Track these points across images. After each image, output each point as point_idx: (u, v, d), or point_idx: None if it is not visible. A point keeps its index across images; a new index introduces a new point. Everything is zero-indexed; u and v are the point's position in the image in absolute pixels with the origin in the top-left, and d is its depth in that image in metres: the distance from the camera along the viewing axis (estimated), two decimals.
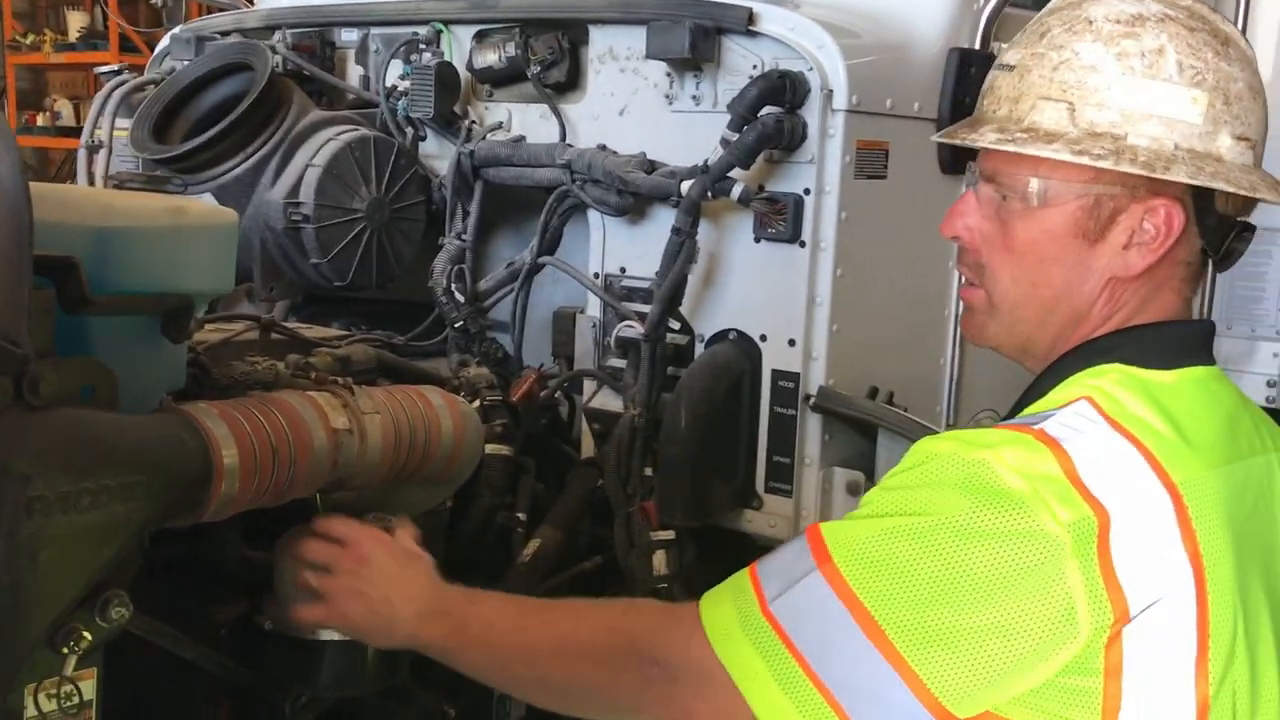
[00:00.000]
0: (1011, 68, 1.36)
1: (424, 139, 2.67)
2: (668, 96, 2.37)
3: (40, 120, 9.08)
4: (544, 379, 2.34)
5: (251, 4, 3.43)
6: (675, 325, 2.29)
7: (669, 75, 2.36)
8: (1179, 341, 1.35)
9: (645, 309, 2.29)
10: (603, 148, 2.39)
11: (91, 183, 2.83)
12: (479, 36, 2.59)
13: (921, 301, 2.45)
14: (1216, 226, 1.33)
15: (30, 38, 9.03)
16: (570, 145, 2.45)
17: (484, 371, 2.26)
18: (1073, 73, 1.31)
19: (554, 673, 1.42)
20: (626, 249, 2.41)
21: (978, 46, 2.45)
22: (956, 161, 2.47)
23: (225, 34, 2.91)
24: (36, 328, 1.23)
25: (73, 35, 8.96)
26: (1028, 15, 2.66)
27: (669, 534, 2.16)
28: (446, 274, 2.54)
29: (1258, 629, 1.27)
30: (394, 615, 1.52)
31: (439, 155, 2.65)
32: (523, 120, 2.59)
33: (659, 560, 2.15)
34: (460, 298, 2.53)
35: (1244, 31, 3.17)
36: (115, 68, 3.03)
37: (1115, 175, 1.28)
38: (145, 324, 1.45)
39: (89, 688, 1.35)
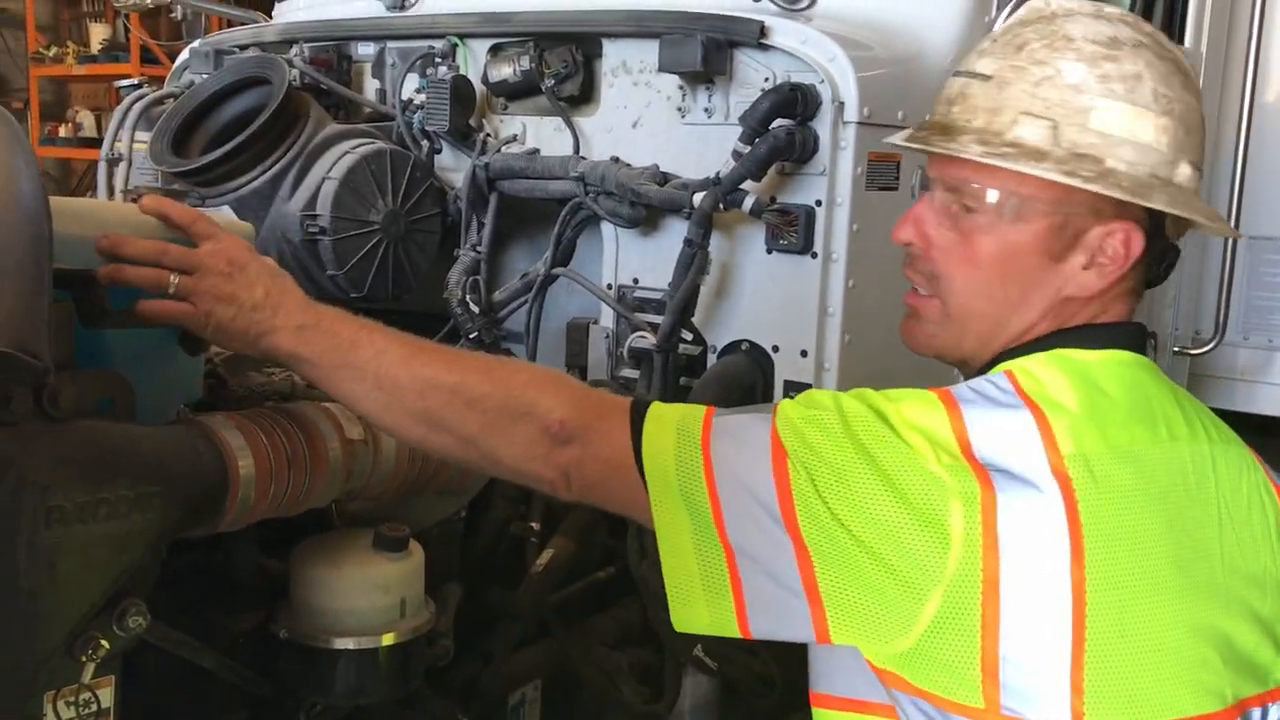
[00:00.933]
0: (988, 77, 1.33)
1: (439, 152, 2.70)
2: (680, 109, 2.38)
3: (63, 131, 9.16)
4: None
5: (269, 19, 3.47)
6: (688, 336, 2.30)
7: (681, 88, 2.37)
8: (1109, 332, 1.35)
9: (658, 320, 2.30)
10: (616, 160, 2.41)
11: (111, 195, 2.87)
12: (494, 50, 2.61)
13: None
14: (1164, 251, 1.36)
15: (53, 50, 9.12)
16: (584, 158, 2.47)
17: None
18: (1056, 90, 1.29)
19: (445, 411, 1.36)
20: (639, 260, 2.42)
21: None
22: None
23: (243, 48, 2.94)
24: (56, 341, 1.25)
25: (95, 47, 9.04)
26: None
27: None
28: (462, 285, 2.56)
29: (1150, 615, 1.25)
30: (268, 325, 1.39)
31: (454, 168, 2.67)
32: (537, 133, 2.61)
33: None
34: (475, 308, 2.55)
35: (1260, 24, 3.19)
36: (135, 81, 3.07)
37: (1085, 196, 1.28)
38: (162, 337, 1.47)
39: (107, 695, 1.37)
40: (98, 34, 9.12)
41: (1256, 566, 1.34)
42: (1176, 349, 3.37)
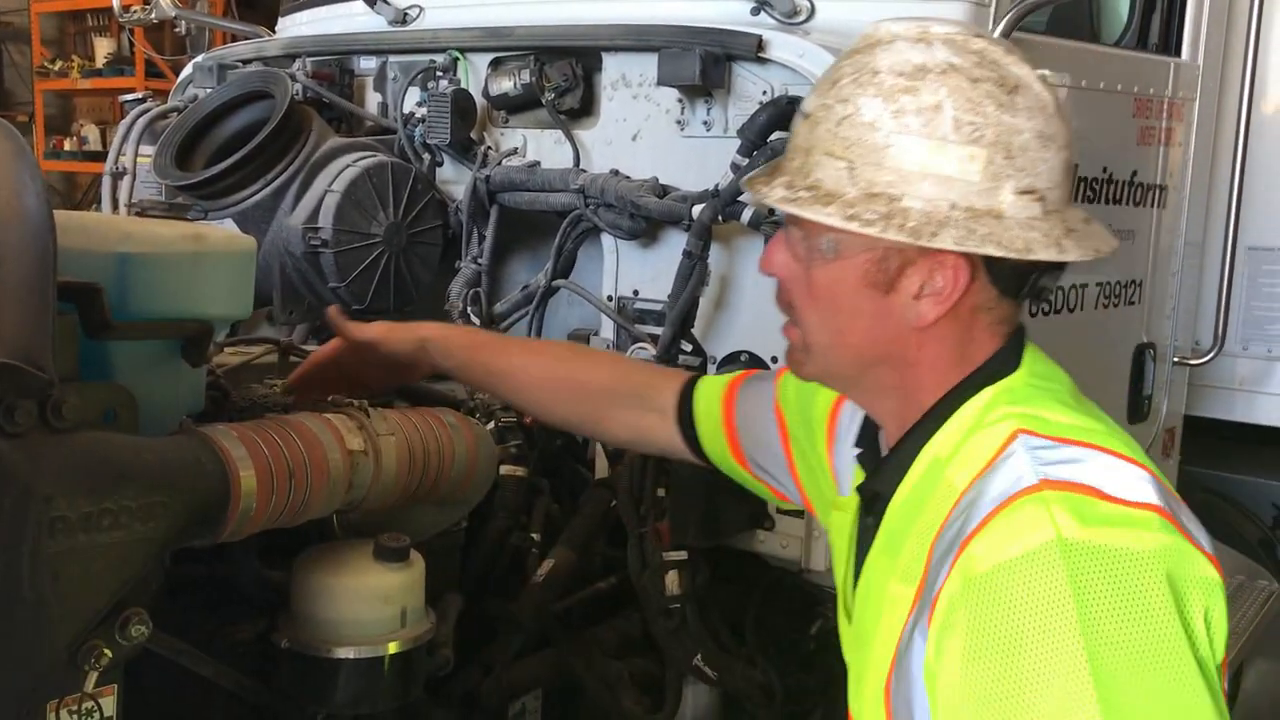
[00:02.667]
0: (808, 115, 1.33)
1: (441, 165, 2.72)
2: (679, 122, 2.40)
3: (68, 145, 9.20)
4: None
5: (272, 33, 3.49)
6: (687, 347, 2.32)
7: (680, 101, 2.39)
8: (1014, 350, 1.36)
9: (658, 331, 2.32)
10: (615, 173, 2.43)
11: (116, 208, 2.88)
12: (494, 64, 2.63)
13: None
14: (1011, 275, 1.30)
15: (59, 64, 9.16)
16: (584, 170, 2.48)
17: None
18: (854, 129, 1.27)
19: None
20: (639, 272, 2.44)
21: None
22: None
23: (246, 62, 2.96)
24: (60, 353, 1.27)
25: (100, 61, 9.08)
26: (1036, 39, 2.70)
27: (682, 555, 2.17)
28: (463, 297, 2.57)
29: None
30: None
31: (455, 180, 2.69)
32: (537, 146, 2.62)
33: (672, 580, 2.17)
34: (476, 320, 2.56)
35: (1257, 36, 3.20)
36: (139, 95, 3.09)
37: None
38: (166, 348, 1.49)
39: (109, 704, 1.38)
40: (102, 48, 9.16)
41: None
42: (1176, 359, 3.38)
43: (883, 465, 1.42)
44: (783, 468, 1.71)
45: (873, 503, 1.41)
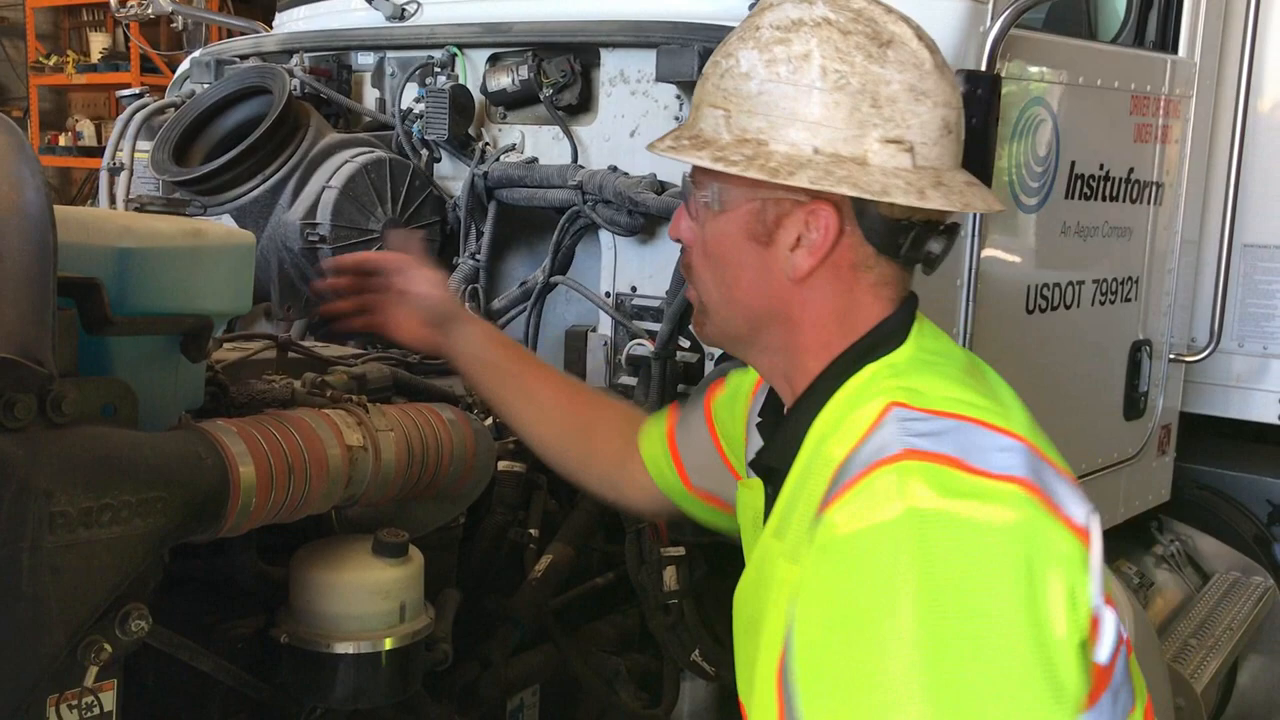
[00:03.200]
0: (702, 74, 1.39)
1: (439, 161, 2.71)
2: (677, 119, 2.40)
3: (63, 140, 9.19)
4: None
5: (270, 29, 3.49)
6: (685, 343, 2.32)
7: (679, 98, 2.39)
8: (901, 322, 1.38)
9: (655, 327, 2.32)
10: (614, 169, 2.43)
11: (113, 204, 2.88)
12: (492, 60, 2.63)
13: (928, 314, 2.47)
14: (885, 229, 1.33)
15: (53, 59, 9.15)
16: (582, 166, 2.49)
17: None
18: (732, 80, 1.33)
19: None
20: (637, 268, 2.44)
21: (984, 68, 2.47)
22: None
23: (244, 58, 2.96)
24: (60, 348, 1.27)
25: (95, 56, 9.08)
26: (1034, 36, 2.70)
27: (679, 550, 2.18)
28: (461, 293, 2.57)
29: None
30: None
31: (453, 176, 2.69)
32: (535, 142, 2.62)
33: (669, 576, 2.17)
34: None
35: (1254, 33, 3.20)
36: (137, 91, 3.08)
37: (774, 182, 1.31)
38: (165, 343, 1.48)
39: (109, 699, 1.38)
40: (98, 43, 9.15)
41: None
42: (1172, 356, 3.39)
43: (774, 439, 1.43)
44: (728, 479, 1.68)
45: (769, 476, 1.42)
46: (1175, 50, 3.25)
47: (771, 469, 1.41)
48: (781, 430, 1.41)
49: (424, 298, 1.86)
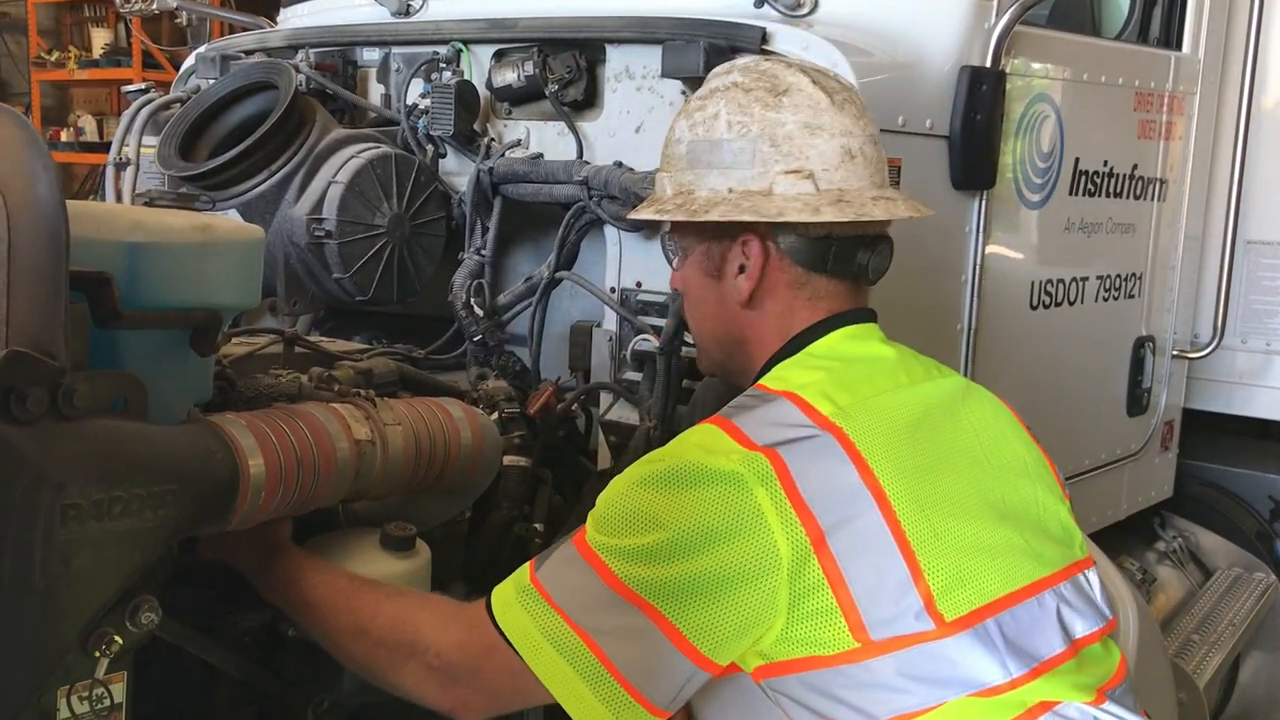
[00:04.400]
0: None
1: (444, 156, 2.72)
2: None
3: (64, 136, 9.18)
4: (561, 391, 2.37)
5: (274, 24, 3.49)
6: (690, 339, 2.32)
7: (684, 93, 2.39)
8: (824, 326, 1.61)
9: (660, 323, 2.32)
10: (619, 164, 2.43)
11: (119, 199, 2.88)
12: (498, 56, 2.63)
13: (933, 315, 2.48)
14: (807, 249, 1.59)
15: (55, 54, 9.15)
16: (587, 162, 2.49)
17: (502, 384, 2.29)
18: (670, 147, 1.67)
19: (356, 653, 1.56)
20: (642, 264, 2.44)
21: (989, 64, 2.48)
22: (968, 178, 2.51)
23: (249, 53, 2.96)
24: (71, 341, 1.27)
25: (97, 52, 9.07)
26: (1038, 33, 2.70)
27: None
28: (466, 288, 2.57)
29: (950, 515, 1.47)
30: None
31: (459, 172, 2.69)
32: (541, 138, 2.63)
33: None
34: (479, 312, 2.56)
35: (1257, 30, 3.21)
36: (142, 86, 3.08)
37: (716, 225, 1.59)
38: (174, 337, 1.49)
39: (119, 690, 1.39)
40: (99, 39, 9.15)
41: (1013, 458, 1.61)
42: (1175, 353, 3.40)
43: None
44: None
45: None
46: (1179, 47, 3.25)
47: None
48: None
49: None
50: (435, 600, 1.63)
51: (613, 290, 2.47)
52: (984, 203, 2.58)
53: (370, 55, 2.89)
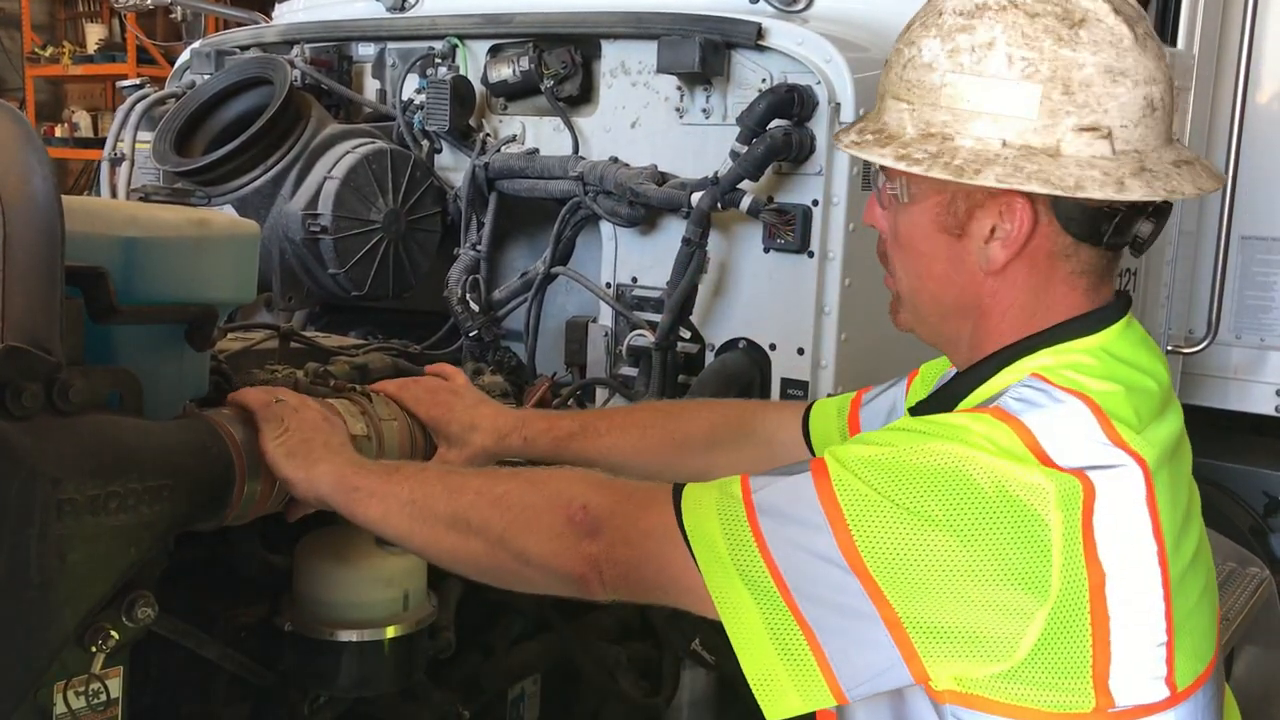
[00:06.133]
0: (885, 62, 1.36)
1: (439, 151, 2.72)
2: (678, 110, 2.40)
3: (59, 132, 9.17)
4: (557, 387, 2.38)
5: (269, 19, 3.49)
6: (686, 334, 2.32)
7: (679, 89, 2.39)
8: (1095, 321, 1.33)
9: (656, 318, 2.33)
10: (615, 160, 2.43)
11: (114, 195, 2.88)
12: (493, 51, 2.63)
13: None
14: (1084, 218, 1.28)
15: (49, 50, 9.13)
16: (583, 158, 2.49)
17: (498, 379, 2.29)
18: (915, 71, 1.29)
19: (473, 510, 1.36)
20: (638, 259, 2.44)
21: None
22: None
23: (244, 49, 2.96)
24: (67, 336, 1.27)
25: (91, 48, 9.06)
26: None
27: None
28: (461, 284, 2.57)
29: (1192, 570, 1.30)
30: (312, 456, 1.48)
31: (454, 167, 2.69)
32: (536, 133, 2.63)
33: None
34: (475, 307, 2.57)
35: (1252, 26, 3.20)
36: (137, 82, 3.08)
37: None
38: (170, 333, 1.49)
39: (115, 686, 1.39)
40: (94, 34, 9.14)
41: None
42: (1170, 348, 3.41)
43: (928, 399, 1.43)
44: None
45: None
46: (1174, 43, 3.26)
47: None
48: (940, 392, 1.42)
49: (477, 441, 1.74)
50: (590, 472, 1.44)
51: (608, 285, 2.48)
52: None
53: (365, 50, 2.89)
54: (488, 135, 2.65)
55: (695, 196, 2.23)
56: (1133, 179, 1.23)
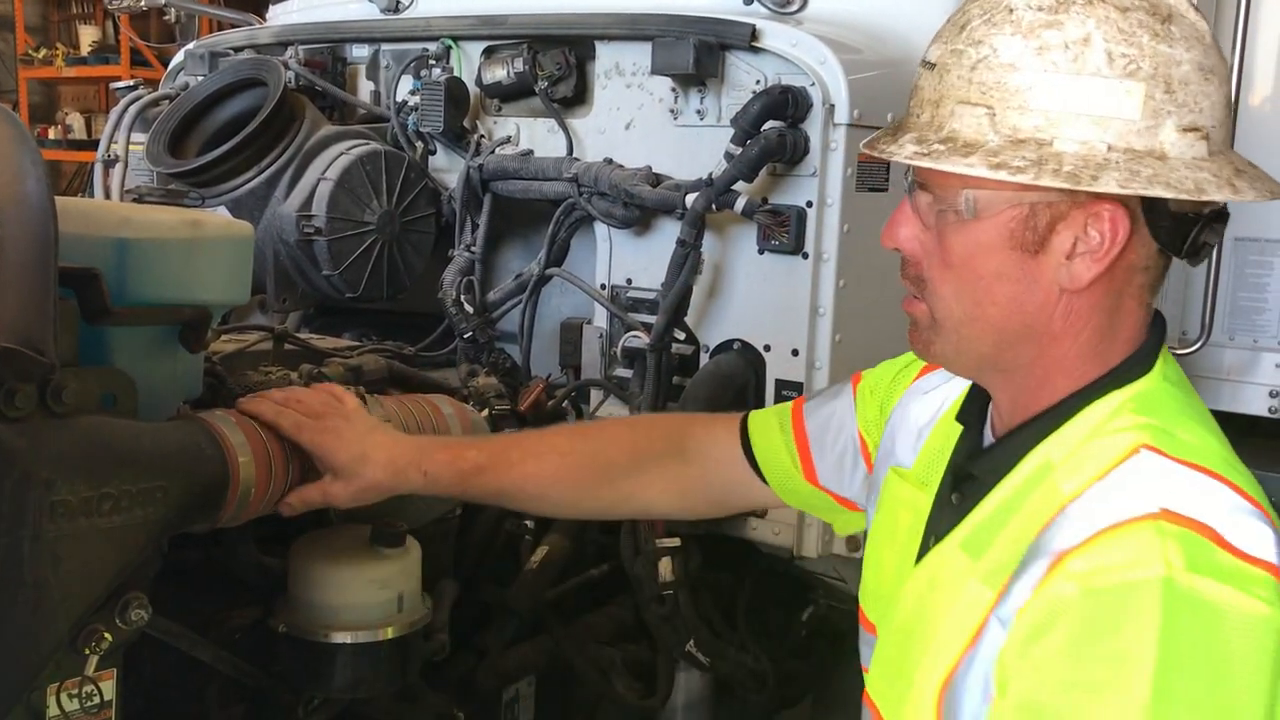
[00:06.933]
0: (933, 65, 1.22)
1: (434, 153, 2.72)
2: (673, 111, 2.40)
3: (52, 134, 9.14)
4: (551, 388, 2.38)
5: (263, 21, 3.49)
6: (680, 335, 2.32)
7: (674, 90, 2.39)
8: (1154, 345, 1.26)
9: (651, 319, 2.32)
10: (609, 161, 2.43)
11: (108, 196, 2.88)
12: (488, 52, 2.63)
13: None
14: (1173, 226, 1.19)
15: (43, 51, 9.10)
16: (577, 159, 2.49)
17: (493, 381, 2.29)
18: (991, 72, 1.16)
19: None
20: (632, 261, 2.44)
21: None
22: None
23: (238, 50, 2.95)
24: (61, 338, 1.27)
25: (84, 49, 9.03)
26: None
27: (674, 541, 2.18)
28: (456, 285, 2.57)
29: None
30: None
31: (448, 169, 2.69)
32: (530, 134, 2.63)
33: (665, 567, 2.18)
34: (469, 309, 2.57)
35: (1244, 32, 3.21)
36: (131, 83, 3.08)
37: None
38: (164, 334, 1.49)
39: (109, 688, 1.39)
40: (87, 36, 9.11)
41: None
42: None
43: (987, 452, 1.30)
44: (856, 469, 1.61)
45: (963, 481, 1.31)
46: None
47: (971, 476, 1.29)
48: (1002, 445, 1.28)
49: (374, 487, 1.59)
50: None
51: (603, 287, 2.47)
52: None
53: (360, 52, 2.89)
54: (482, 137, 2.65)
55: (690, 198, 2.23)
56: (1238, 180, 1.16)
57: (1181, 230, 1.19)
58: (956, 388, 1.42)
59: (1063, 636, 1.06)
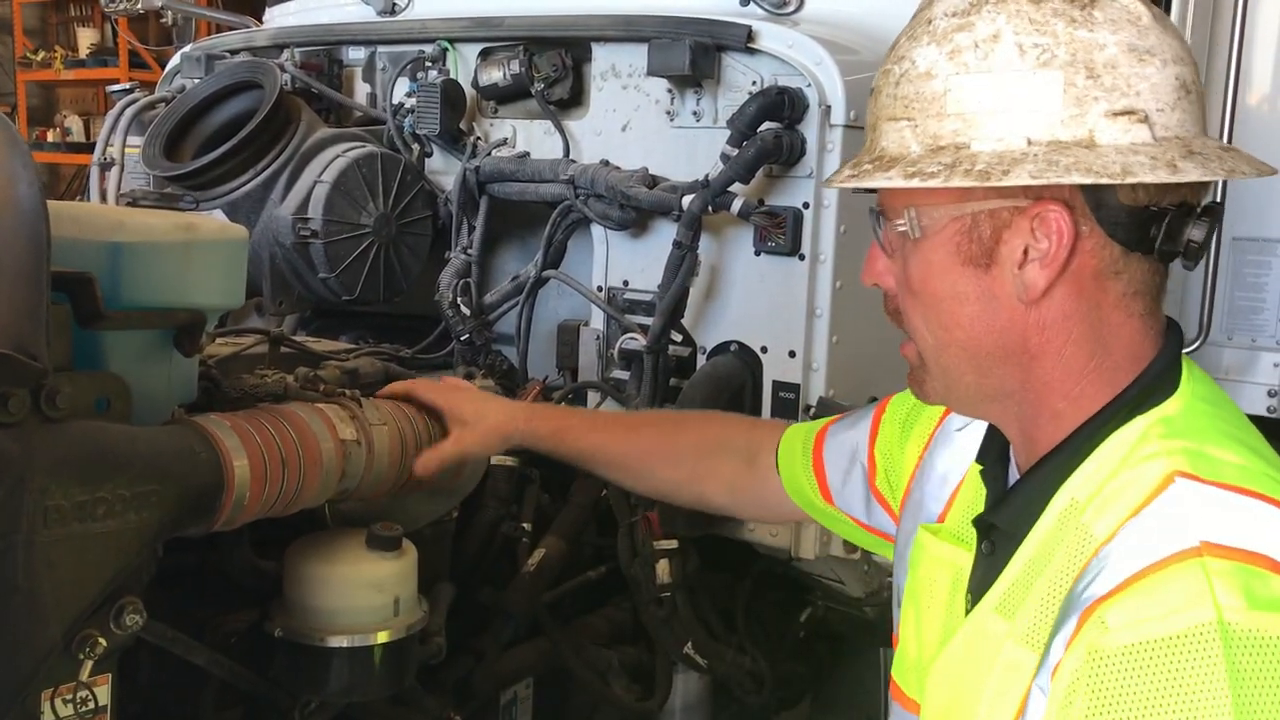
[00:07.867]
0: (872, 90, 1.21)
1: (430, 155, 2.72)
2: (669, 113, 2.40)
3: (51, 136, 9.14)
4: (548, 390, 2.37)
5: (260, 24, 3.48)
6: (677, 337, 2.32)
7: (670, 92, 2.39)
8: (1170, 362, 1.17)
9: (647, 321, 2.32)
10: (605, 163, 2.43)
11: (104, 199, 2.87)
12: (484, 54, 2.63)
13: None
14: (1130, 222, 1.11)
15: (41, 54, 9.10)
16: (574, 161, 2.49)
17: (489, 383, 2.29)
18: (911, 84, 1.14)
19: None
20: (629, 262, 2.44)
21: None
22: None
23: (235, 52, 2.95)
24: (54, 342, 1.27)
25: (83, 52, 9.03)
26: None
27: (672, 543, 2.18)
28: (452, 288, 2.57)
29: None
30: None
31: (445, 171, 2.69)
32: (527, 136, 2.63)
33: (662, 569, 2.18)
34: (466, 311, 2.56)
35: (1242, 27, 3.21)
36: (127, 86, 3.07)
37: (985, 190, 1.11)
38: (158, 338, 1.48)
39: (103, 693, 1.38)
40: (85, 39, 9.11)
41: None
42: None
43: (1008, 497, 1.23)
44: (872, 508, 1.57)
45: (988, 535, 1.23)
46: None
47: (994, 528, 1.22)
48: (1020, 488, 1.20)
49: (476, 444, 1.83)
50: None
51: (600, 289, 2.47)
52: None
53: (356, 54, 2.89)
54: (478, 139, 2.65)
55: (686, 199, 2.23)
56: (1184, 161, 1.08)
57: (1143, 225, 1.11)
58: (983, 426, 1.33)
59: (1100, 696, 0.96)
